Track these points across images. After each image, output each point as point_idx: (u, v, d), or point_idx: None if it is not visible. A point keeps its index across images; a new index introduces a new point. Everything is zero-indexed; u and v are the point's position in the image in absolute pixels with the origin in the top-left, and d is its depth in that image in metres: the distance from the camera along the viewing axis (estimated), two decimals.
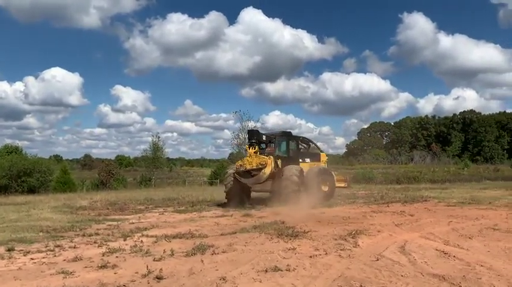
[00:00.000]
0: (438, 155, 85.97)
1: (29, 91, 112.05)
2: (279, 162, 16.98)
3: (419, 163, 74.62)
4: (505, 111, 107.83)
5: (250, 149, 16.77)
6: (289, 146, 18.23)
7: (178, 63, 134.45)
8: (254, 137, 17.11)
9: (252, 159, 16.56)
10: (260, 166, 16.18)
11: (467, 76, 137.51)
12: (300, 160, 18.15)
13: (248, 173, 16.45)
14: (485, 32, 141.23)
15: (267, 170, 16.04)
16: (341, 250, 7.44)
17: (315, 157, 19.24)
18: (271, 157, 16.63)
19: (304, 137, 20.07)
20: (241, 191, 16.95)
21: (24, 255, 7.59)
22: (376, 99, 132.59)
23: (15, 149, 45.94)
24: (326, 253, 7.18)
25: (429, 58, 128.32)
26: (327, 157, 20.06)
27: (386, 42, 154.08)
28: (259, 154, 16.88)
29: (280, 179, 16.01)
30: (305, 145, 19.62)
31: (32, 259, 7.27)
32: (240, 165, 16.85)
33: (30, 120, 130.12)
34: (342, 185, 19.78)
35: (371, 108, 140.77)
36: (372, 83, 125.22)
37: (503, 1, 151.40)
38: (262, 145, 17.53)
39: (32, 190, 35.47)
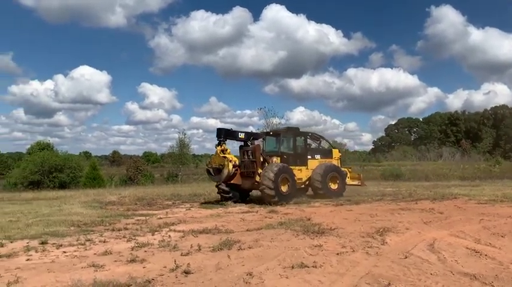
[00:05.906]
0: (468, 152, 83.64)
1: (58, 89, 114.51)
2: (272, 159, 16.67)
3: (448, 160, 72.73)
4: None
5: (218, 147, 16.47)
6: (296, 142, 17.83)
7: (202, 60, 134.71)
8: (222, 135, 16.50)
9: (216, 158, 16.60)
10: (220, 166, 16.32)
11: (498, 70, 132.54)
12: (309, 157, 17.80)
13: (216, 171, 16.48)
14: None
15: (225, 171, 16.05)
16: (368, 247, 7.36)
17: (327, 153, 18.82)
18: (233, 157, 16.67)
19: (314, 133, 19.77)
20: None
21: (57, 248, 7.84)
22: (404, 94, 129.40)
23: (46, 145, 47.35)
24: (353, 250, 7.12)
25: (459, 52, 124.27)
26: (340, 154, 19.55)
27: (414, 37, 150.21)
28: (243, 150, 16.88)
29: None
30: (315, 141, 19.11)
31: (64, 252, 7.50)
32: (209, 162, 17.19)
33: (60, 117, 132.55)
34: (356, 183, 19.39)
35: (398, 104, 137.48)
36: (399, 78, 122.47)
37: None
38: (248, 141, 17.05)
39: (63, 186, 36.40)
